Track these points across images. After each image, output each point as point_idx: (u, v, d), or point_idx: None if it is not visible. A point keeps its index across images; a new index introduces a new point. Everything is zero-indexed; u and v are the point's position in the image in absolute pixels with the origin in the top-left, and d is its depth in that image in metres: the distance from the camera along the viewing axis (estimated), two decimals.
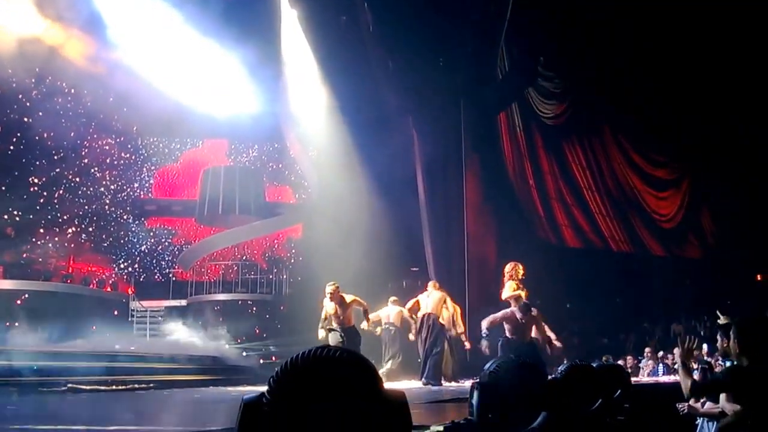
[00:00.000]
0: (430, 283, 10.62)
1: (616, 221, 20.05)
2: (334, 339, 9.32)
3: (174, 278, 16.68)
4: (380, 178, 14.30)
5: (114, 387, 9.92)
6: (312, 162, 16.32)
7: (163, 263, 17.30)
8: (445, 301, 10.29)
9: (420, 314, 10.13)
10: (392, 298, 11.13)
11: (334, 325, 9.61)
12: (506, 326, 8.79)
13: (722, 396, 4.55)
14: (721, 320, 7.79)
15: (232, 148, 18.21)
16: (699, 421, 5.78)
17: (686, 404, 5.28)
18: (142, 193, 17.73)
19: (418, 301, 10.32)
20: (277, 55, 14.78)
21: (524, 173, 18.34)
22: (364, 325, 10.14)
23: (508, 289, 9.43)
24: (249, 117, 15.59)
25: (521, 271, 9.68)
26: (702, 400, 5.29)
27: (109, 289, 15.40)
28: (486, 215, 16.17)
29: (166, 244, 17.53)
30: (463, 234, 15.12)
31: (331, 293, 9.57)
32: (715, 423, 4.99)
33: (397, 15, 14.21)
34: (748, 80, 18.05)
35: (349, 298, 9.69)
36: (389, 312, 10.90)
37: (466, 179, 15.62)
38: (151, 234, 17.47)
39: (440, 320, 10.04)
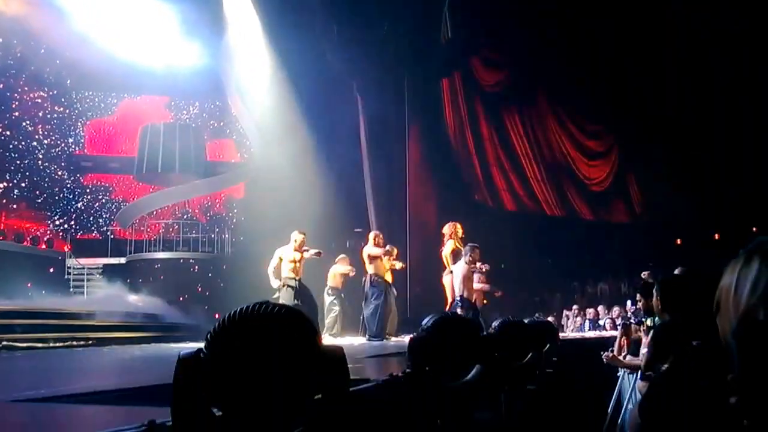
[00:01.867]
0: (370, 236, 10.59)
1: (550, 187, 20.62)
2: (287, 296, 9.16)
3: (112, 236, 16.32)
4: (324, 140, 14.27)
5: (51, 345, 9.75)
6: (254, 121, 16.10)
7: (101, 221, 16.89)
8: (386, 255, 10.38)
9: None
10: (341, 256, 11.15)
11: (291, 275, 9.42)
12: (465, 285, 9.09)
13: (642, 351, 4.82)
14: (644, 276, 8.18)
15: (172, 105, 17.76)
16: (620, 372, 6.11)
17: (608, 354, 5.57)
18: (77, 148, 17.18)
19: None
20: (219, 13, 14.44)
21: (465, 139, 18.58)
22: None
23: (448, 248, 9.70)
24: (189, 73, 15.23)
25: (460, 231, 9.94)
26: (623, 353, 5.61)
27: (44, 247, 15.00)
28: (427, 179, 16.36)
29: (104, 201, 17.10)
30: (404, 196, 15.30)
31: (301, 241, 9.43)
32: (635, 374, 5.28)
33: None
34: (679, 57, 18.63)
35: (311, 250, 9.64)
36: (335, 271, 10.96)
37: (408, 144, 15.74)
38: (88, 191, 17.01)
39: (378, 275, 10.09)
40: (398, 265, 10.61)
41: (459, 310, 8.41)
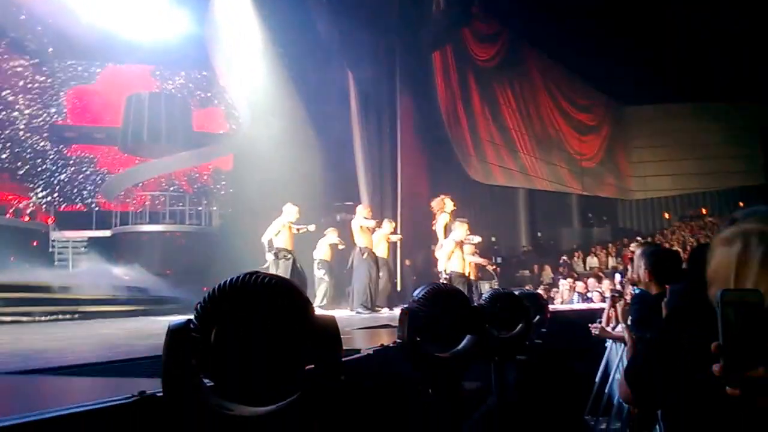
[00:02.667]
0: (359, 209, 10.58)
1: (541, 161, 20.68)
2: (283, 268, 9.18)
3: (97, 208, 16.18)
4: (314, 112, 14.16)
5: (36, 319, 9.69)
6: (243, 92, 15.93)
7: (85, 193, 16.72)
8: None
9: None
10: (330, 229, 11.16)
11: (286, 247, 9.43)
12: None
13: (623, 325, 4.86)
14: (633, 247, 8.24)
15: (157, 74, 17.52)
16: (608, 342, 6.16)
17: (597, 326, 5.62)
18: (60, 119, 16.94)
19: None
20: None
21: (456, 113, 18.52)
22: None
23: (442, 221, 9.72)
24: (175, 42, 15.00)
25: (450, 204, 9.95)
26: (612, 324, 5.64)
27: (27, 219, 14.84)
28: (419, 152, 16.31)
29: (88, 172, 16.91)
30: (396, 170, 15.24)
31: (298, 214, 9.46)
32: (623, 345, 5.33)
33: None
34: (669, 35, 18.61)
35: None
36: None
37: (400, 118, 15.64)
38: (72, 162, 16.81)
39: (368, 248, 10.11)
40: (395, 237, 10.65)
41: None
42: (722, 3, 17.70)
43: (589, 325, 5.72)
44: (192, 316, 1.30)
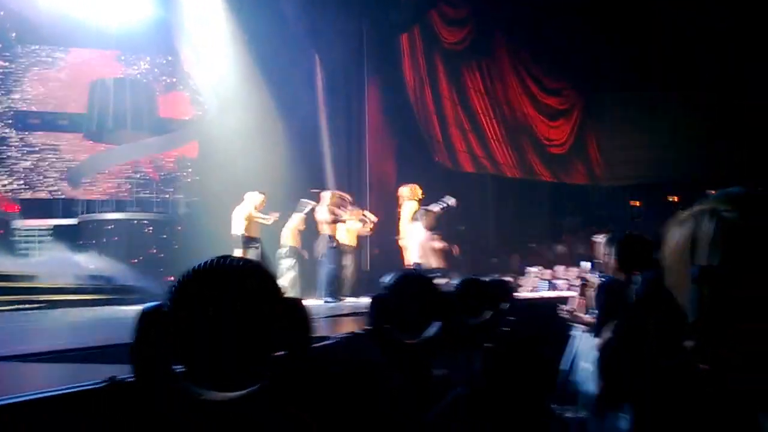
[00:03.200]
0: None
1: (510, 148, 20.75)
2: (252, 256, 9.13)
3: (62, 196, 15.90)
4: (280, 97, 14.02)
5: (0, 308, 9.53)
6: (208, 77, 15.73)
7: (50, 180, 16.40)
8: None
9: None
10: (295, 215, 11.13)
11: (255, 235, 9.41)
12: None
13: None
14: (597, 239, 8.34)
15: (122, 59, 17.19)
16: (574, 331, 6.25)
17: (567, 308, 5.67)
18: (23, 105, 16.56)
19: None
20: None
21: (424, 98, 18.47)
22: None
23: (410, 210, 9.77)
24: (139, 26, 14.75)
25: (419, 192, 10.01)
26: (581, 311, 5.73)
27: None
28: (386, 138, 16.29)
29: (53, 159, 16.57)
30: (363, 155, 15.21)
31: (261, 202, 9.40)
32: (590, 334, 5.39)
33: None
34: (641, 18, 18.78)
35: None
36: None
37: (367, 102, 15.58)
38: (36, 149, 16.46)
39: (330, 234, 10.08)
40: (368, 226, 10.62)
41: None
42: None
43: (560, 306, 5.75)
44: (164, 300, 1.31)
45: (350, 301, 9.69)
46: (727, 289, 0.97)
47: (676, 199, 20.08)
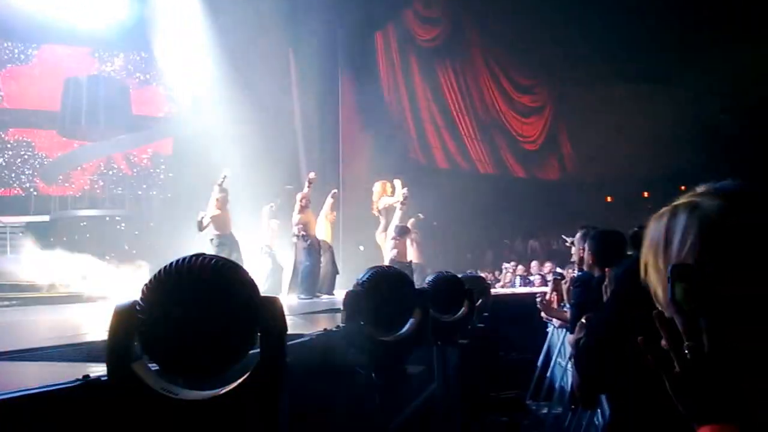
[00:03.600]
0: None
1: (483, 144, 20.90)
2: (222, 253, 9.06)
3: (35, 193, 15.69)
4: (254, 94, 13.96)
5: None
6: (182, 74, 15.60)
7: (23, 177, 16.16)
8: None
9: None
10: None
11: (219, 232, 9.37)
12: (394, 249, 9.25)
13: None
14: (568, 242, 8.41)
15: (96, 56, 17.00)
16: (549, 327, 6.31)
17: (542, 298, 5.67)
18: None
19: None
20: None
21: (399, 95, 18.53)
22: None
23: (381, 204, 9.82)
24: (113, 22, 14.59)
25: (390, 189, 10.06)
26: (553, 307, 5.78)
27: None
28: (360, 134, 16.30)
29: (26, 156, 16.34)
30: (337, 152, 15.21)
31: (223, 198, 9.39)
32: (565, 330, 5.44)
33: None
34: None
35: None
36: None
37: (341, 99, 15.58)
38: (9, 146, 16.21)
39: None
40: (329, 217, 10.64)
41: None
42: None
43: (536, 296, 5.75)
44: (138, 298, 1.30)
45: (326, 298, 9.67)
46: (704, 287, 0.97)
47: (646, 194, 20.32)
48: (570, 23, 19.32)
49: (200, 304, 1.27)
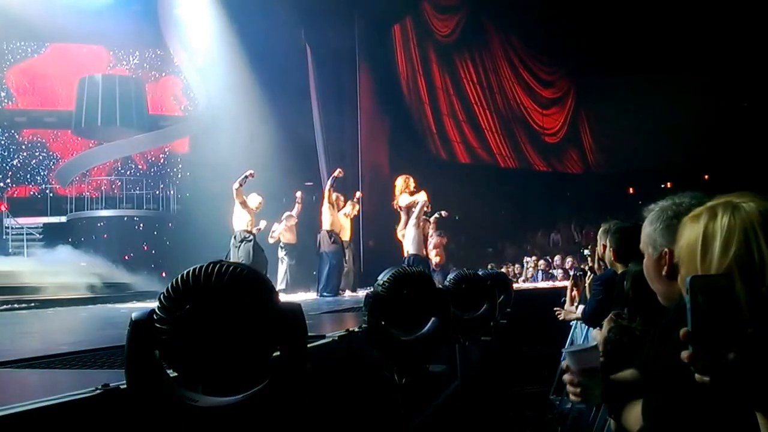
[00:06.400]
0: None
1: (504, 138, 20.77)
2: (245, 251, 9.10)
3: (51, 194, 15.78)
4: (272, 90, 13.89)
5: None
6: (199, 72, 15.61)
7: (39, 178, 16.26)
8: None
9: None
10: (286, 214, 11.09)
11: (247, 229, 9.39)
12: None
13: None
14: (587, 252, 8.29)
15: (111, 55, 17.06)
16: (573, 322, 6.25)
17: (561, 310, 5.68)
18: (9, 102, 16.41)
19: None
20: None
21: (418, 88, 18.45)
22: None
23: (403, 201, 9.81)
24: (129, 21, 14.62)
25: (412, 184, 10.03)
26: (575, 303, 5.73)
27: None
28: (380, 129, 16.24)
29: (41, 157, 16.44)
30: (356, 147, 15.15)
31: (260, 204, 9.50)
32: (588, 327, 5.38)
33: None
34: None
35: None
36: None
37: (359, 93, 15.50)
38: (23, 147, 16.32)
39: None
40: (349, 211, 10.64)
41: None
42: None
43: (554, 309, 5.77)
44: (155, 307, 1.28)
45: (348, 296, 9.67)
46: (727, 298, 0.94)
47: (669, 185, 20.07)
48: (590, 11, 19.07)
49: (218, 312, 1.24)
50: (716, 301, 0.93)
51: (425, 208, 9.66)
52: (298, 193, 10.89)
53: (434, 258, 10.71)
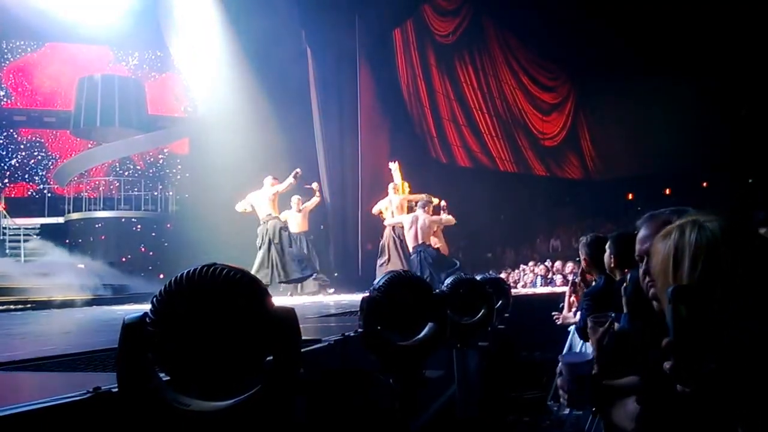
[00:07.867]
0: None
1: (504, 142, 20.80)
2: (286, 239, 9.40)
3: (49, 194, 15.76)
4: (272, 92, 13.89)
5: None
6: (199, 73, 15.59)
7: (37, 178, 16.26)
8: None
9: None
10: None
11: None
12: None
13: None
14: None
15: (111, 55, 17.06)
16: (571, 327, 6.23)
17: (559, 314, 5.68)
18: (8, 101, 16.41)
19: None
20: None
21: (418, 92, 18.49)
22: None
23: (399, 202, 10.06)
24: (128, 21, 14.62)
25: (407, 187, 10.23)
26: (573, 309, 5.72)
27: None
28: (380, 132, 16.23)
29: (39, 157, 16.43)
30: (356, 150, 15.15)
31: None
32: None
33: None
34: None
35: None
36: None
37: (360, 96, 15.50)
38: (22, 146, 16.30)
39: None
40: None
41: (415, 257, 8.98)
42: None
43: (553, 314, 5.77)
44: (147, 310, 1.26)
45: (344, 301, 9.69)
46: (705, 308, 0.97)
47: (668, 191, 20.08)
48: (589, 14, 19.10)
49: (211, 315, 1.22)
50: (697, 312, 0.95)
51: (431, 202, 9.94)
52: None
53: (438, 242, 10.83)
